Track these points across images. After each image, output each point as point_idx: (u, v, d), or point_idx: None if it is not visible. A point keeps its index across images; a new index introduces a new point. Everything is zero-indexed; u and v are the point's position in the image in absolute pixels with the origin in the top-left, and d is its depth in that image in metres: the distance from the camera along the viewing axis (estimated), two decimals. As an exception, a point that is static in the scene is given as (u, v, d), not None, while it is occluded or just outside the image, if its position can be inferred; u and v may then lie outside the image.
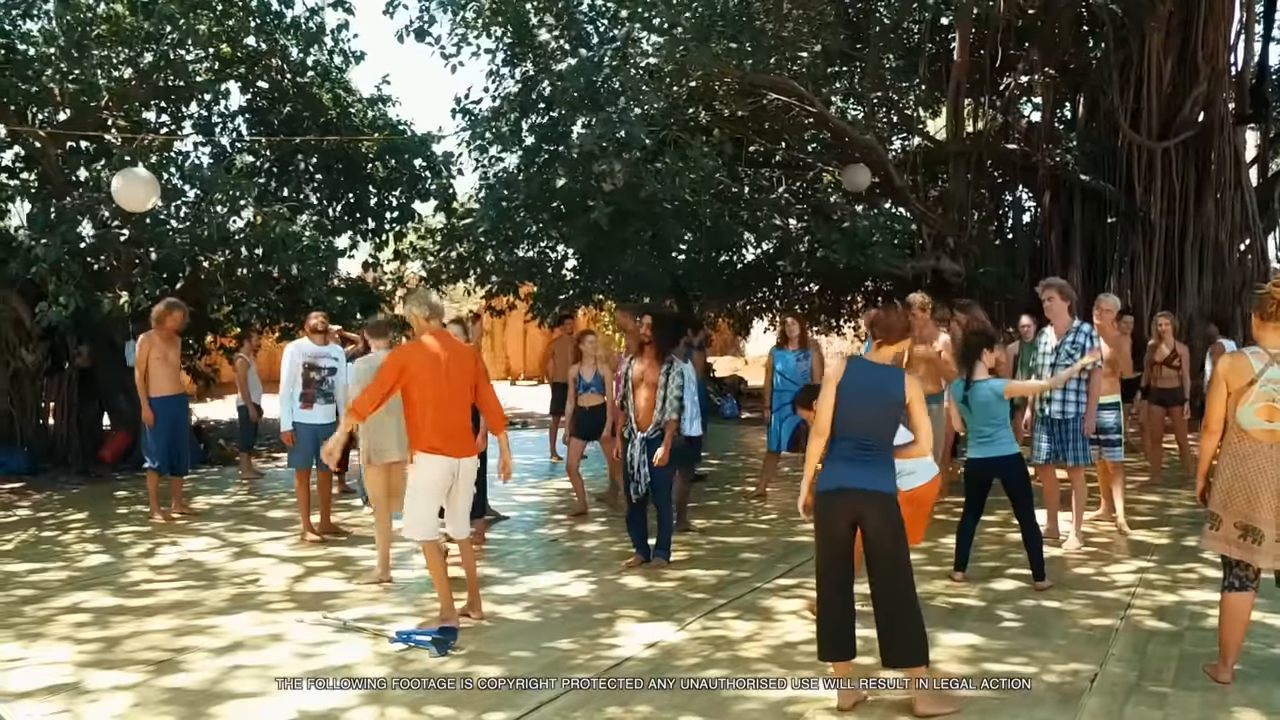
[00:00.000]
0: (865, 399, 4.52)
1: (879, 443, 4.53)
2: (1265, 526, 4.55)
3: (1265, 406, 4.59)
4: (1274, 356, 4.63)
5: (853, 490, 4.45)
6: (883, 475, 4.50)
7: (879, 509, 4.44)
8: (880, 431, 4.54)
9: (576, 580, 6.84)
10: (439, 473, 5.68)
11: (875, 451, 4.51)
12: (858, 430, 4.51)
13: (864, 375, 4.60)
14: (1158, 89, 15.69)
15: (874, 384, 4.56)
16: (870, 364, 4.65)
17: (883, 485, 4.47)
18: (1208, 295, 15.68)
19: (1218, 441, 4.77)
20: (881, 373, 4.60)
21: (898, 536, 4.49)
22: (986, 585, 6.54)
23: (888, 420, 4.57)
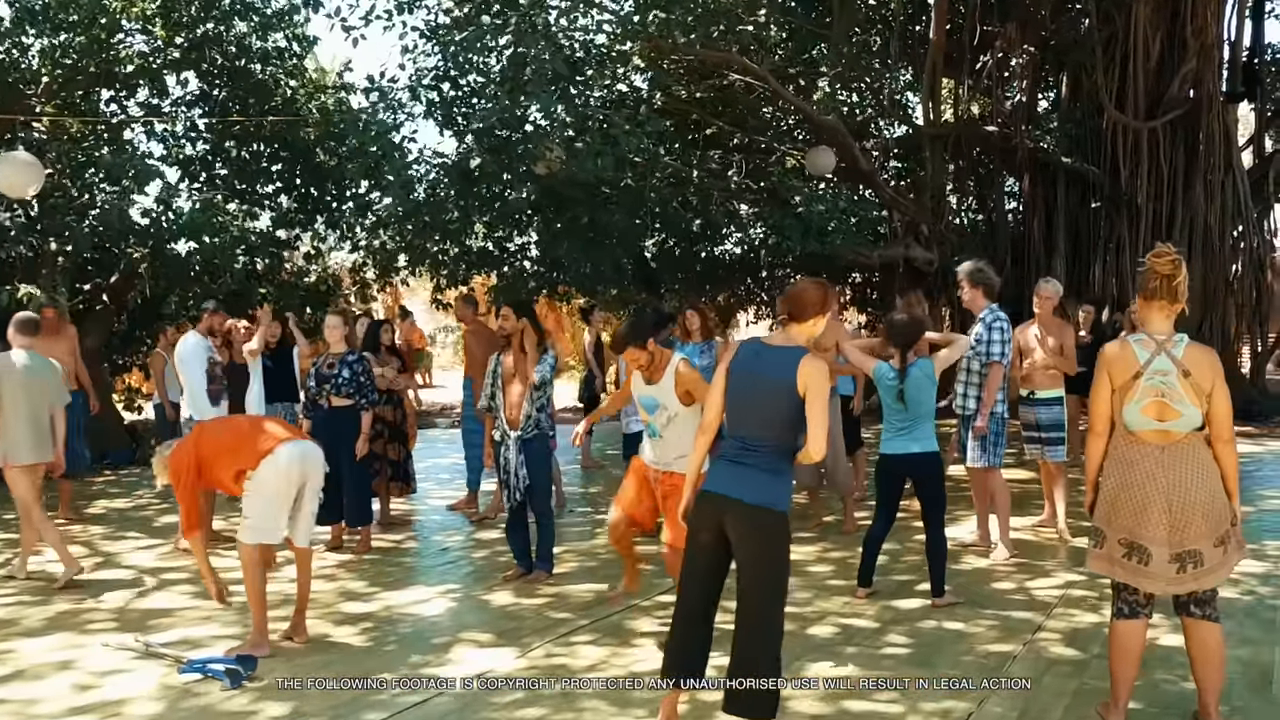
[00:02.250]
0: (753, 388, 3.80)
1: (770, 443, 3.76)
2: (1154, 544, 3.85)
3: (1154, 403, 3.89)
4: (1161, 343, 3.93)
5: (717, 497, 3.76)
6: (761, 483, 3.72)
7: (745, 524, 3.71)
8: (771, 430, 3.76)
9: (439, 597, 6.20)
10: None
11: (762, 454, 3.75)
12: (744, 426, 3.82)
13: (756, 359, 3.86)
14: (1144, 66, 14.86)
15: (765, 369, 3.80)
16: (766, 346, 3.88)
17: (756, 495, 3.70)
18: (1196, 284, 14.83)
19: (1105, 445, 4.07)
20: (776, 356, 3.81)
21: (768, 561, 3.75)
22: (889, 603, 5.86)
23: (780, 415, 3.75)
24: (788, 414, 3.75)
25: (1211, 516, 3.83)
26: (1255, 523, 7.78)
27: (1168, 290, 3.92)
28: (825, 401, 3.76)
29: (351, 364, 7.46)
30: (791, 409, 3.73)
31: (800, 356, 3.77)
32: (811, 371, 3.73)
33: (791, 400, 3.72)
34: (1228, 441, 3.91)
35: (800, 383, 3.71)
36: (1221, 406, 3.88)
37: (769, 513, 3.72)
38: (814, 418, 3.74)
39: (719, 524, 3.77)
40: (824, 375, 3.77)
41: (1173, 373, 3.87)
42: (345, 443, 7.36)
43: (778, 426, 3.77)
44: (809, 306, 3.87)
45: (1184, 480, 3.83)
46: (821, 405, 3.75)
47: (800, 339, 3.88)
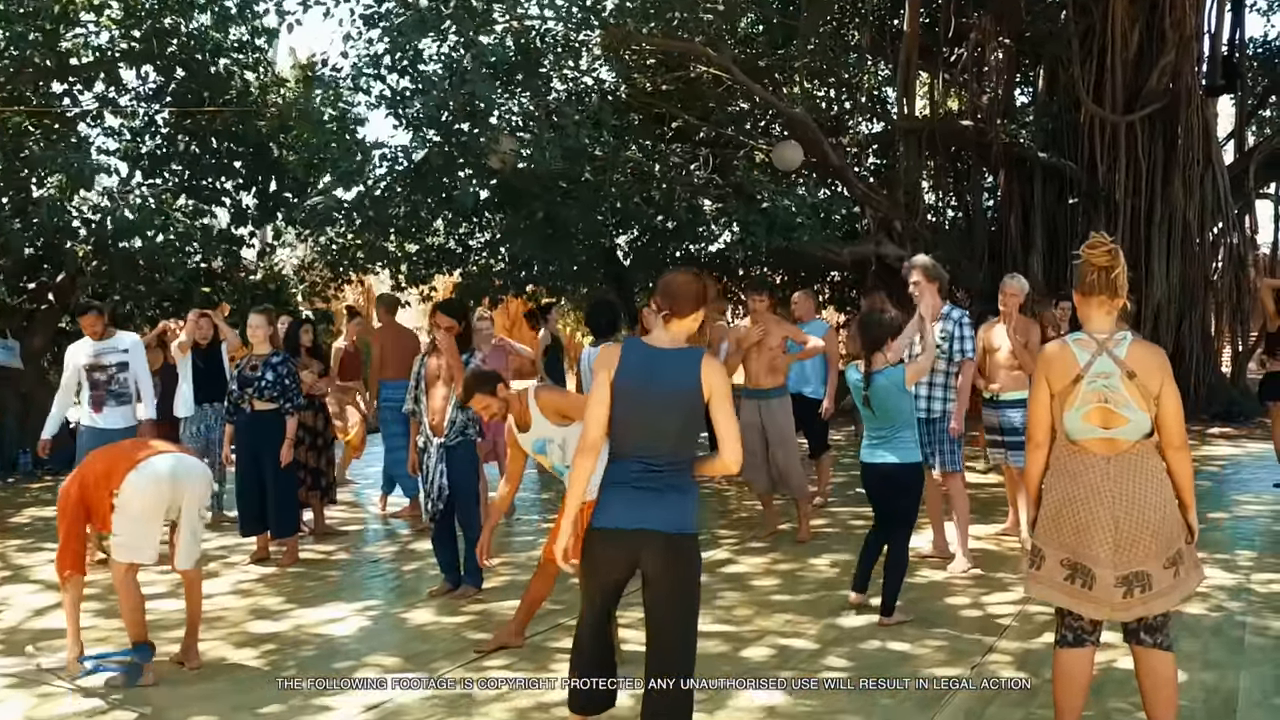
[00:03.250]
0: (649, 400, 3.35)
1: (676, 460, 3.36)
2: (1099, 565, 3.47)
3: (1097, 409, 3.51)
4: (1103, 343, 3.55)
5: (629, 534, 3.33)
6: (676, 508, 3.32)
7: (667, 556, 3.31)
8: (675, 446, 3.36)
9: (356, 615, 5.80)
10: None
11: (668, 474, 3.33)
12: (643, 445, 3.37)
13: (647, 367, 3.41)
14: (1122, 59, 14.48)
15: (660, 377, 3.37)
16: (654, 350, 3.43)
17: (675, 522, 3.30)
18: (1176, 282, 14.50)
19: (1046, 456, 3.69)
20: (671, 360, 3.38)
21: (688, 592, 3.37)
22: (834, 620, 5.48)
23: (683, 426, 3.36)
24: (692, 424, 3.37)
25: (1162, 534, 3.45)
26: (1230, 530, 7.43)
27: (1106, 284, 3.55)
28: (732, 402, 3.40)
29: (276, 365, 7.06)
30: (695, 418, 3.35)
31: (699, 357, 3.39)
32: (715, 372, 3.37)
33: (695, 408, 3.34)
34: (1180, 448, 3.54)
35: (705, 386, 3.33)
36: (1171, 409, 3.51)
37: (689, 539, 3.35)
38: (725, 423, 3.36)
39: (633, 563, 3.38)
40: (726, 374, 3.43)
41: (1116, 374, 3.49)
42: (269, 449, 6.97)
43: (682, 440, 3.38)
44: (688, 300, 3.46)
45: (1132, 494, 3.46)
46: (730, 407, 3.39)
47: (683, 337, 3.49)
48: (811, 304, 9.29)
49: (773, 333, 7.28)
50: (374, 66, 9.90)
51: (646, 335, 3.61)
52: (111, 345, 7.30)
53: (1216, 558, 6.54)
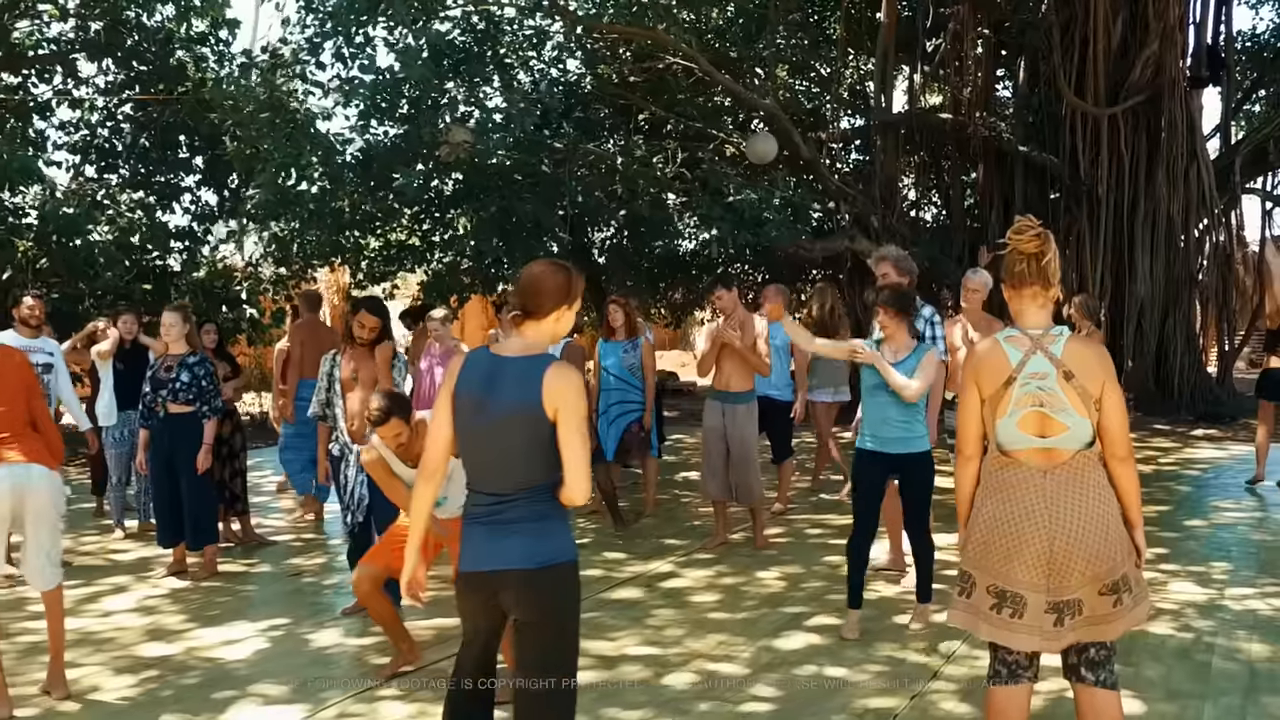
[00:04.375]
0: (487, 418, 2.86)
1: (527, 490, 2.84)
2: (1029, 590, 3.05)
3: (1032, 414, 3.09)
4: (1037, 340, 3.13)
5: (483, 576, 2.88)
6: (533, 541, 2.83)
7: (524, 593, 2.83)
8: (521, 471, 2.84)
9: (257, 635, 5.36)
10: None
11: (520, 505, 2.84)
12: (487, 474, 2.90)
13: (486, 378, 2.90)
14: (1104, 50, 14.08)
15: (499, 391, 2.86)
16: (497, 358, 2.93)
17: (532, 557, 2.81)
18: (1159, 278, 14.10)
19: (976, 470, 3.27)
20: (512, 370, 2.87)
21: (557, 629, 2.86)
22: (771, 641, 5.05)
23: (529, 450, 2.83)
24: (538, 447, 2.82)
25: (1102, 558, 3.03)
26: (1206, 540, 7.01)
27: (1037, 272, 3.13)
28: (583, 422, 2.85)
29: (192, 366, 6.62)
30: (541, 439, 2.81)
31: (545, 367, 2.84)
32: (562, 385, 2.81)
33: (539, 428, 2.81)
34: (1125, 459, 3.12)
35: (548, 402, 2.80)
36: (1115, 415, 3.09)
37: (552, 571, 2.85)
38: (571, 448, 2.80)
39: (495, 605, 2.92)
40: (579, 388, 2.86)
41: (1052, 375, 3.08)
42: (184, 454, 6.54)
43: (531, 465, 2.84)
44: (549, 297, 2.93)
45: (1070, 513, 3.04)
46: (579, 429, 2.83)
47: (542, 341, 2.96)
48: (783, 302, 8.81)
49: (748, 331, 6.87)
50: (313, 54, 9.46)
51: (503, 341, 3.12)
52: (40, 345, 6.93)
53: (1190, 570, 6.14)
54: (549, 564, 2.83)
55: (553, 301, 2.96)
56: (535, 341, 2.97)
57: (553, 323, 2.98)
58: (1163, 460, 10.58)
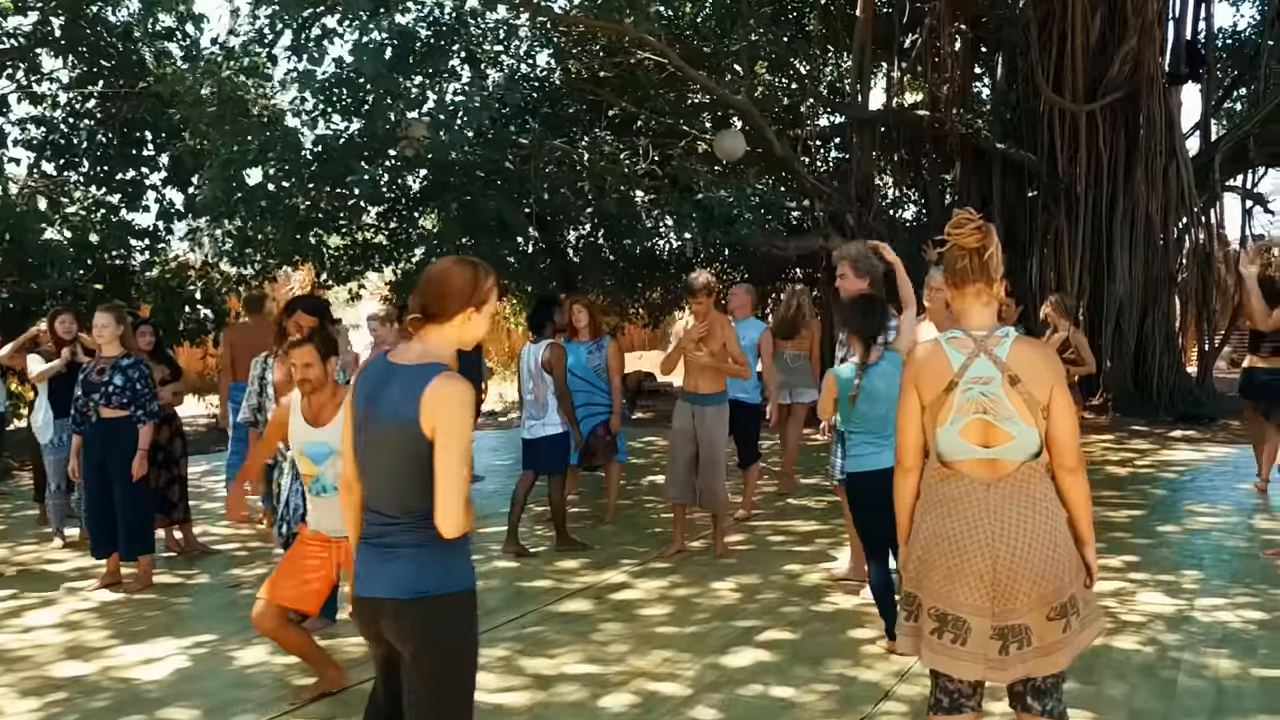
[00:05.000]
0: (373, 433, 2.63)
1: (411, 513, 2.58)
2: (972, 614, 2.81)
3: (974, 422, 2.85)
4: (981, 341, 2.89)
5: (366, 603, 2.64)
6: (408, 567, 2.57)
7: (401, 624, 2.58)
8: (401, 491, 2.59)
9: (180, 653, 5.09)
10: None
11: (405, 528, 2.59)
12: (375, 491, 2.65)
13: (376, 389, 2.67)
14: (1083, 46, 13.87)
15: (380, 399, 2.63)
16: (392, 366, 2.67)
17: (409, 585, 2.55)
18: (1138, 277, 13.90)
19: (917, 483, 3.03)
20: (399, 381, 2.60)
21: (437, 670, 2.59)
22: (718, 659, 4.80)
23: (404, 468, 2.57)
24: (419, 468, 2.54)
25: (1049, 579, 2.79)
26: (1179, 547, 6.79)
27: (980, 268, 2.89)
28: (462, 442, 2.55)
29: (126, 369, 6.35)
30: (420, 459, 2.54)
31: (429, 379, 2.55)
32: (443, 401, 2.52)
33: (417, 446, 2.54)
34: (1075, 469, 2.89)
35: (426, 419, 2.52)
36: (1064, 423, 2.86)
37: (430, 602, 2.56)
38: (444, 473, 2.51)
39: (381, 637, 2.67)
40: (463, 404, 2.55)
41: (996, 380, 2.84)
42: (117, 460, 6.27)
43: (411, 487, 2.56)
44: (453, 298, 2.65)
45: (1015, 530, 2.80)
46: (457, 452, 2.53)
47: (445, 349, 2.68)
48: (749, 300, 8.59)
49: (715, 335, 6.63)
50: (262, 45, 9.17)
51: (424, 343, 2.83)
52: None
53: (1159, 580, 5.92)
54: (428, 594, 2.56)
55: (457, 303, 2.68)
56: (436, 348, 2.68)
57: (457, 327, 2.70)
58: (1139, 462, 10.38)
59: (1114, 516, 7.66)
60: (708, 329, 6.58)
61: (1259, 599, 5.49)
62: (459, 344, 2.75)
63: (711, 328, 6.61)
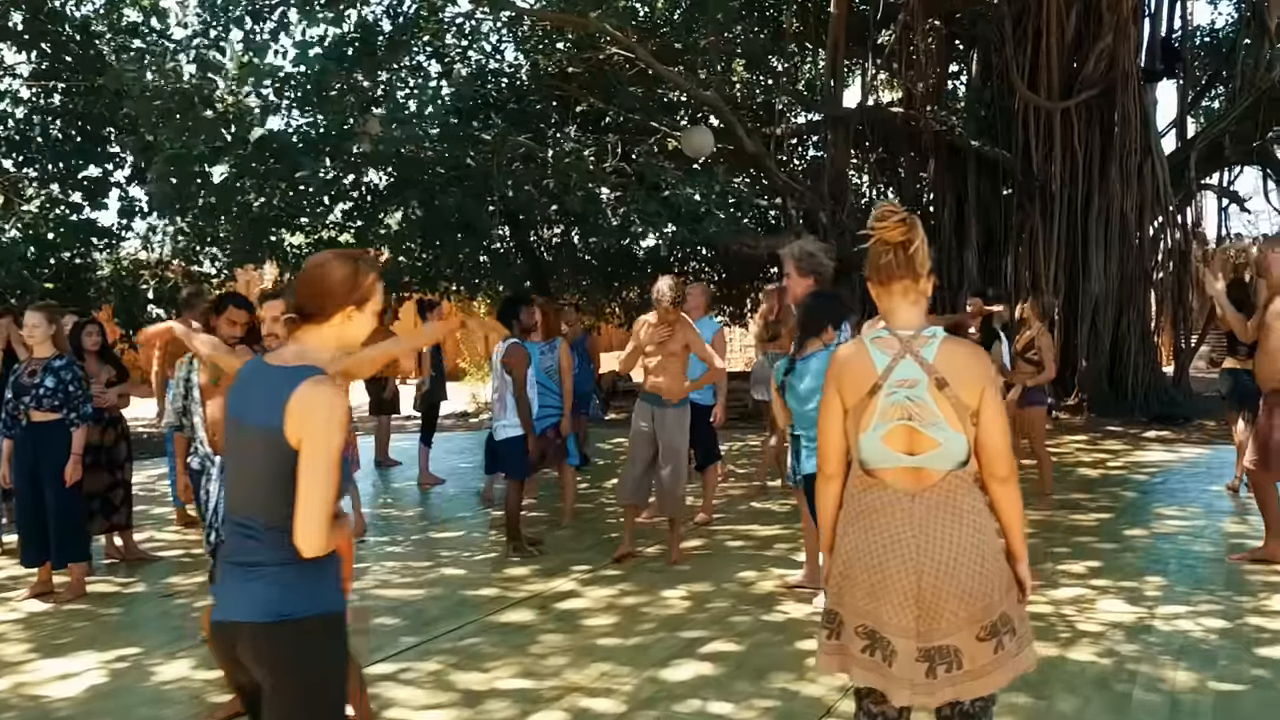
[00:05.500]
0: (233, 436, 2.46)
1: (274, 525, 2.34)
2: (897, 635, 2.62)
3: (899, 428, 2.66)
4: (907, 342, 2.70)
5: (223, 628, 2.41)
6: (268, 587, 2.34)
7: (253, 655, 2.35)
8: (264, 503, 2.35)
9: (100, 667, 4.87)
10: None
11: (266, 543, 2.35)
12: (235, 500, 2.46)
13: (243, 388, 2.51)
14: (1058, 43, 13.77)
15: (247, 403, 2.43)
16: (265, 367, 2.47)
17: (262, 607, 2.32)
18: (1114, 276, 13.79)
19: (840, 491, 2.84)
20: (265, 381, 2.41)
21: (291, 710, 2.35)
22: (657, 672, 4.61)
23: (269, 478, 2.34)
24: (283, 480, 2.32)
25: (977, 596, 2.61)
26: (1144, 553, 6.63)
27: (906, 263, 2.71)
28: (329, 454, 2.32)
29: (58, 370, 6.12)
30: (284, 471, 2.32)
31: (297, 384, 2.34)
32: (310, 408, 2.30)
33: (282, 455, 2.32)
34: (1007, 479, 2.70)
35: (291, 427, 2.31)
36: (995, 428, 2.67)
37: (291, 626, 2.33)
38: (307, 486, 2.29)
39: (241, 665, 2.42)
40: (331, 412, 2.32)
41: (922, 383, 2.65)
42: (49, 465, 6.04)
43: (274, 500, 2.34)
44: (331, 295, 2.45)
45: (941, 543, 2.62)
46: (321, 462, 2.30)
47: (322, 350, 2.47)
48: (703, 300, 8.42)
49: (675, 337, 6.45)
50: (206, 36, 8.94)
51: None
52: None
53: (1122, 586, 5.75)
54: (291, 617, 2.33)
55: (335, 302, 2.47)
56: (314, 351, 2.47)
57: (337, 327, 2.49)
58: (1111, 464, 10.24)
59: (1081, 520, 7.51)
60: (670, 334, 6.42)
61: (1222, 606, 5.33)
62: (339, 346, 2.56)
63: (674, 329, 6.45)
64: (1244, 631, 4.93)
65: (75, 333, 7.04)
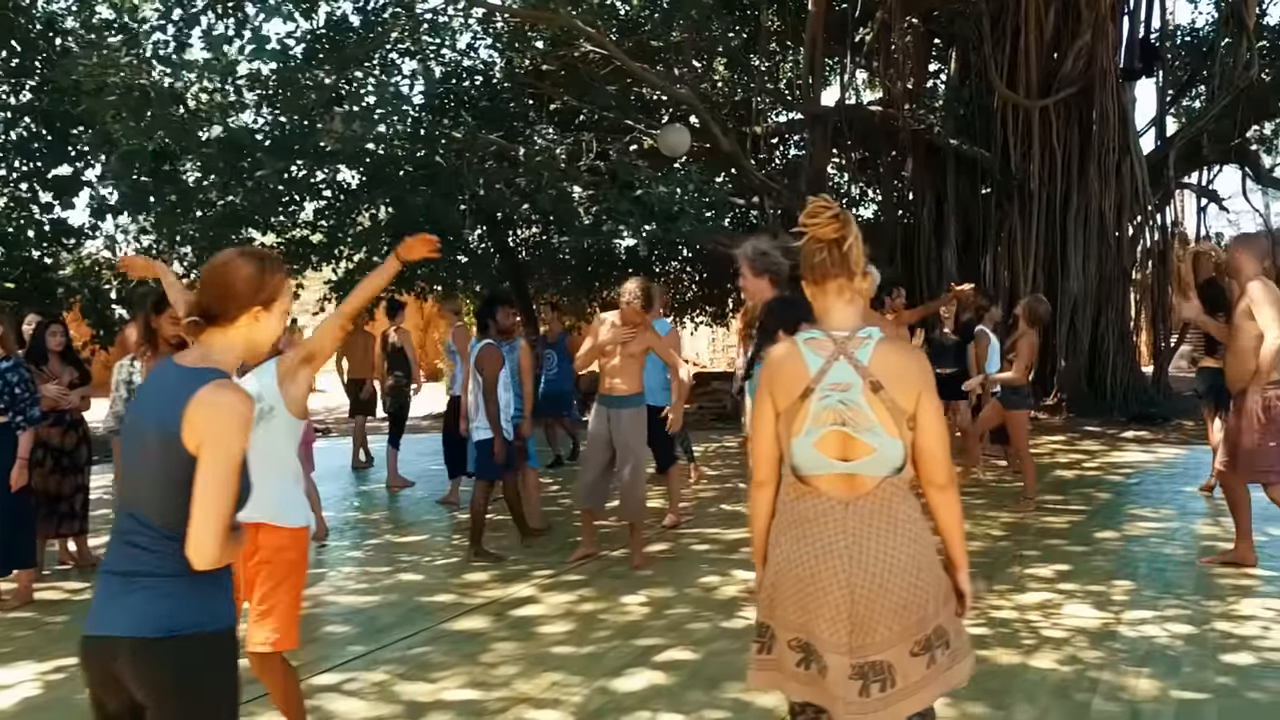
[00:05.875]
0: (129, 439, 2.31)
1: (164, 533, 2.19)
2: (830, 651, 2.50)
3: (832, 433, 2.54)
4: (842, 343, 2.58)
5: (97, 644, 2.22)
6: (150, 600, 2.18)
7: (134, 674, 2.18)
8: (157, 511, 2.20)
9: (34, 679, 4.73)
10: None
11: (155, 553, 2.20)
12: (125, 505, 2.28)
13: (144, 390, 2.44)
14: (1036, 41, 13.72)
15: (146, 405, 2.32)
16: (173, 368, 2.32)
17: (143, 622, 2.16)
18: (1092, 275, 13.72)
19: (772, 499, 2.72)
20: (165, 383, 2.29)
21: None
22: (608, 681, 4.48)
23: (163, 485, 2.19)
24: (179, 487, 2.17)
25: (911, 609, 2.49)
26: (1114, 556, 6.53)
27: (840, 261, 2.59)
28: (227, 462, 2.19)
29: (4, 373, 5.97)
30: (180, 478, 2.18)
31: (197, 387, 2.21)
32: (207, 415, 2.17)
33: (179, 461, 2.18)
34: (945, 486, 2.59)
35: (189, 434, 2.17)
36: (932, 433, 2.55)
37: (176, 642, 2.18)
38: (202, 496, 2.15)
39: (117, 686, 2.23)
40: (232, 419, 2.19)
41: (856, 386, 2.53)
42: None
43: (167, 508, 2.20)
44: (236, 296, 2.33)
45: (875, 554, 2.50)
46: (219, 471, 2.17)
47: (229, 354, 2.35)
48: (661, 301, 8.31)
49: (639, 340, 6.35)
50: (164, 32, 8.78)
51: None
52: None
53: (1089, 590, 5.65)
54: (180, 633, 2.19)
55: (240, 303, 2.35)
56: (218, 354, 2.35)
57: (243, 329, 2.37)
58: (1087, 464, 10.16)
59: (1054, 522, 7.41)
60: (633, 335, 6.32)
61: (1189, 611, 5.23)
62: (247, 348, 2.43)
63: (638, 331, 6.35)
64: (1210, 637, 4.83)
65: (39, 332, 6.91)
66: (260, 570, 3.46)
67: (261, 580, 3.46)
